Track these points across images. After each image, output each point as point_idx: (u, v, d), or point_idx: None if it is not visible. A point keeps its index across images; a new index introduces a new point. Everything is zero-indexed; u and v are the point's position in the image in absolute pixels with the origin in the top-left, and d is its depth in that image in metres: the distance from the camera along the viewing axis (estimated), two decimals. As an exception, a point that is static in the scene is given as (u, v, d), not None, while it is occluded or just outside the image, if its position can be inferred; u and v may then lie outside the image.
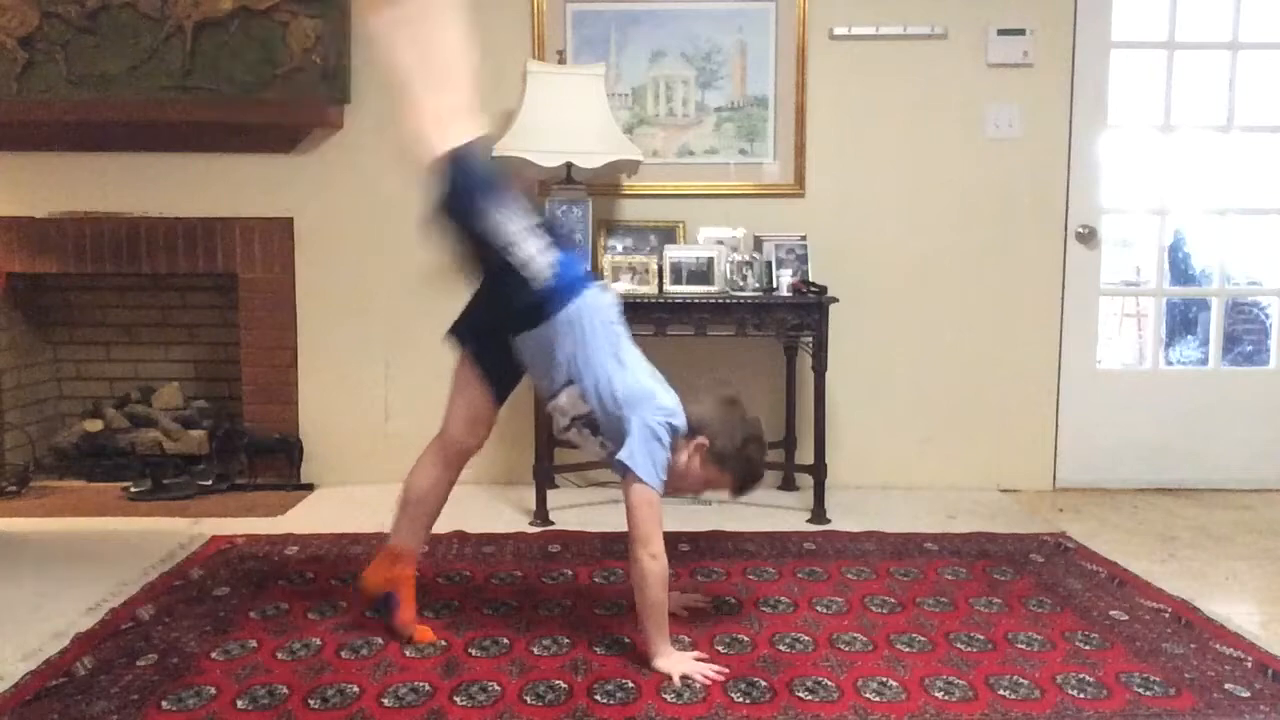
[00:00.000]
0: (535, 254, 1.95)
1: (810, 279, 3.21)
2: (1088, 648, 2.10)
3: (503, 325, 2.06)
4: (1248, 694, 1.88)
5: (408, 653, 2.06)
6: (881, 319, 3.56)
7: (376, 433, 3.61)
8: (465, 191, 1.94)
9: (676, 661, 1.96)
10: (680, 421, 2.03)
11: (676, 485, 2.06)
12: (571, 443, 2.15)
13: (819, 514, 3.13)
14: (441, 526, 2.96)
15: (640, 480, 1.95)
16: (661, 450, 1.99)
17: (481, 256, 2.03)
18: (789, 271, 3.21)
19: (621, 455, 1.95)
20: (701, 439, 2.05)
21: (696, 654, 2.03)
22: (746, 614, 2.29)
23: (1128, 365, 5.15)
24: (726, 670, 1.96)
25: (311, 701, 1.84)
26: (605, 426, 2.02)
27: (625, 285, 3.14)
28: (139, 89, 3.33)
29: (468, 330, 2.16)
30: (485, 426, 2.20)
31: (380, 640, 2.12)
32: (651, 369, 2.10)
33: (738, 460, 2.07)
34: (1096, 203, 3.56)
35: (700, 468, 2.06)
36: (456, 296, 2.34)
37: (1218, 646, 2.11)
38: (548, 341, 2.00)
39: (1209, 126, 3.61)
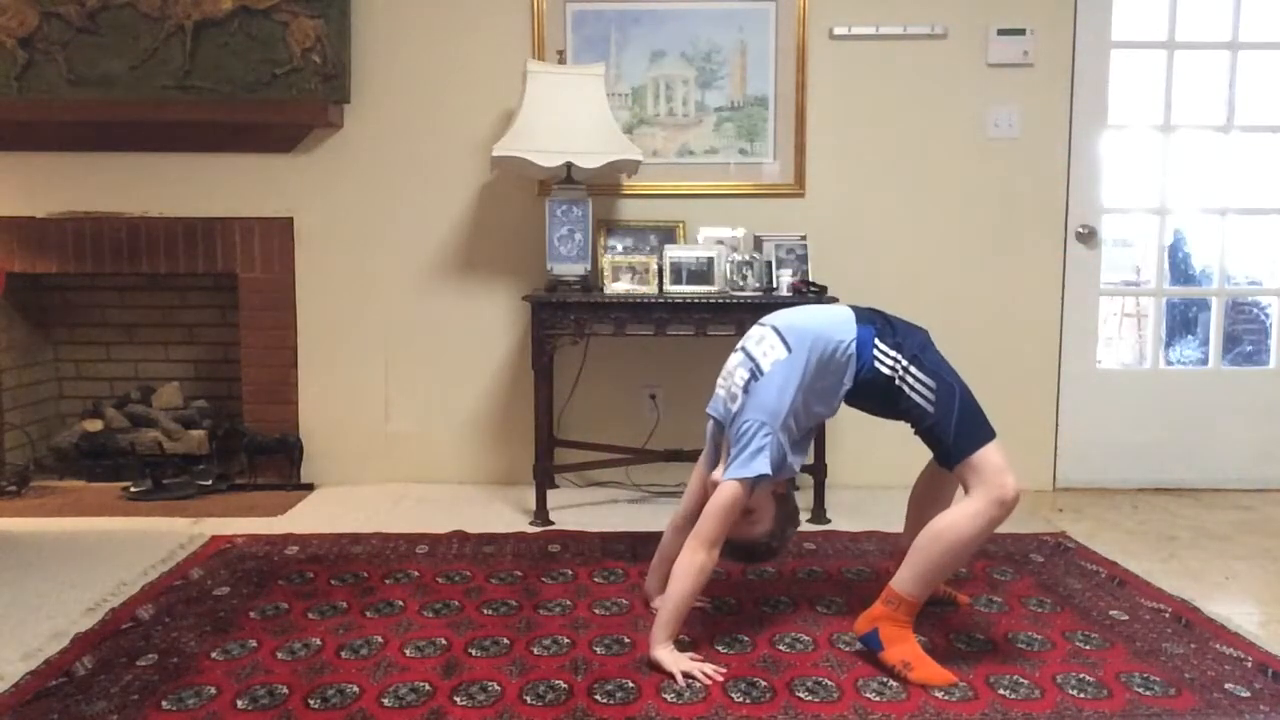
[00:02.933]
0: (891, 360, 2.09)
1: (810, 279, 3.21)
2: (1088, 648, 2.10)
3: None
4: (1248, 694, 1.88)
5: (408, 652, 2.06)
6: (881, 319, 3.55)
7: (376, 433, 3.61)
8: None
9: (677, 660, 1.97)
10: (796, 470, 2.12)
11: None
12: (729, 361, 2.18)
13: (819, 514, 3.13)
14: (441, 526, 2.98)
15: (744, 485, 1.98)
16: (764, 460, 1.99)
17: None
18: (789, 271, 3.20)
19: (744, 460, 1.99)
20: (783, 485, 2.14)
21: (692, 655, 2.03)
22: (746, 614, 2.29)
23: (1128, 365, 5.16)
24: (725, 670, 1.96)
25: (311, 701, 1.84)
26: (749, 392, 2.05)
27: (625, 285, 3.14)
28: (139, 89, 3.33)
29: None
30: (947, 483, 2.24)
31: (380, 640, 2.12)
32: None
33: (784, 527, 2.13)
34: (1096, 203, 3.56)
35: (762, 504, 2.08)
36: (455, 296, 2.36)
37: (1218, 646, 2.11)
38: (829, 321, 2.11)
39: (1209, 126, 3.61)
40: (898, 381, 2.04)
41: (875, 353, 2.06)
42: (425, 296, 3.55)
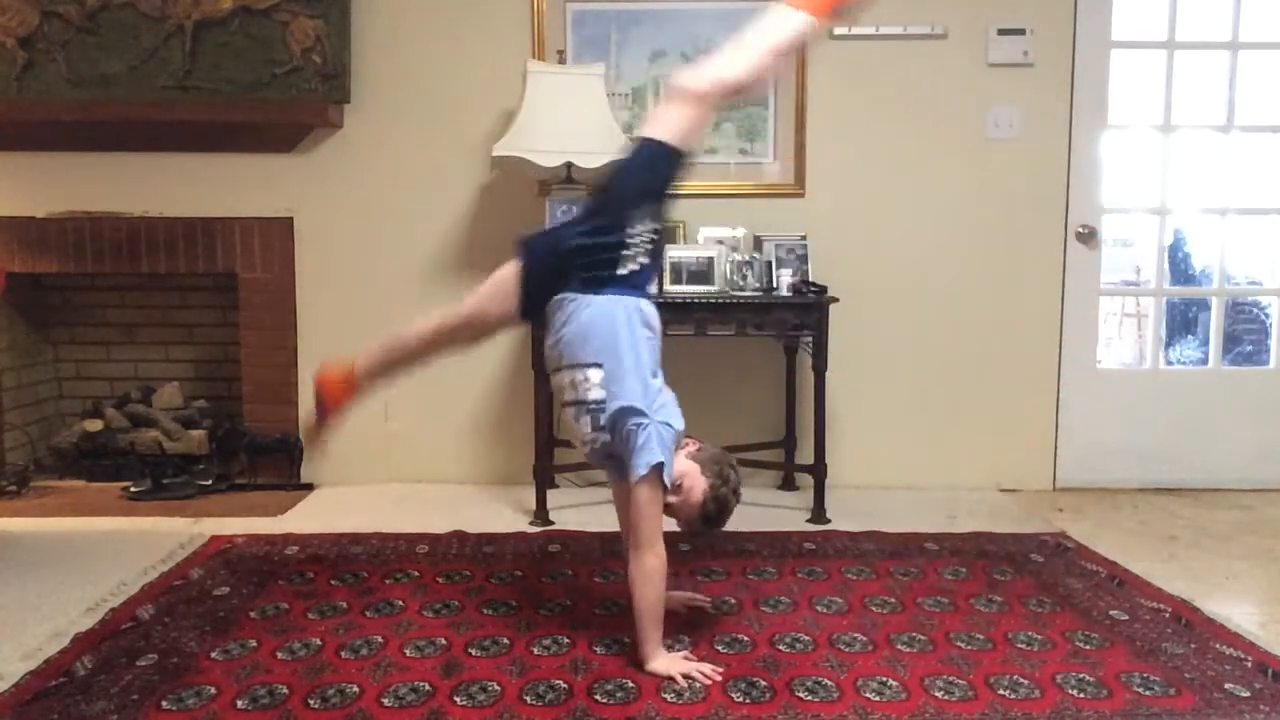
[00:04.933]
0: (637, 246, 2.06)
1: (810, 279, 3.21)
2: (1088, 648, 2.10)
3: (564, 273, 2.07)
4: (1248, 694, 1.88)
5: (408, 652, 2.06)
6: (881, 319, 3.56)
7: (376, 433, 3.60)
8: (637, 176, 2.11)
9: (673, 662, 1.97)
10: (680, 429, 2.06)
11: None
12: (566, 419, 2.14)
13: (819, 514, 3.13)
14: (441, 526, 2.98)
15: (649, 479, 1.95)
16: (667, 454, 1.99)
17: (601, 214, 2.11)
18: (789, 271, 3.20)
19: (636, 458, 1.96)
20: (692, 443, 2.08)
21: (686, 654, 2.03)
22: (746, 614, 2.29)
23: (1128, 365, 5.16)
24: (723, 669, 1.96)
25: (311, 701, 1.84)
26: (609, 422, 2.00)
27: (625, 285, 3.13)
28: (139, 89, 3.33)
29: (539, 248, 2.16)
30: (489, 334, 2.30)
31: (380, 640, 2.12)
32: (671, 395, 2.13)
33: (719, 470, 2.06)
34: (1096, 203, 3.56)
35: (683, 469, 2.04)
36: (456, 296, 2.36)
37: (1218, 646, 2.11)
38: (590, 315, 2.02)
39: (1209, 126, 3.61)
40: (625, 242, 2.04)
41: (621, 270, 2.04)
42: (425, 296, 3.54)
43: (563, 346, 2.05)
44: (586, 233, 2.08)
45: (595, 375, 2.01)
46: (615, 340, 2.01)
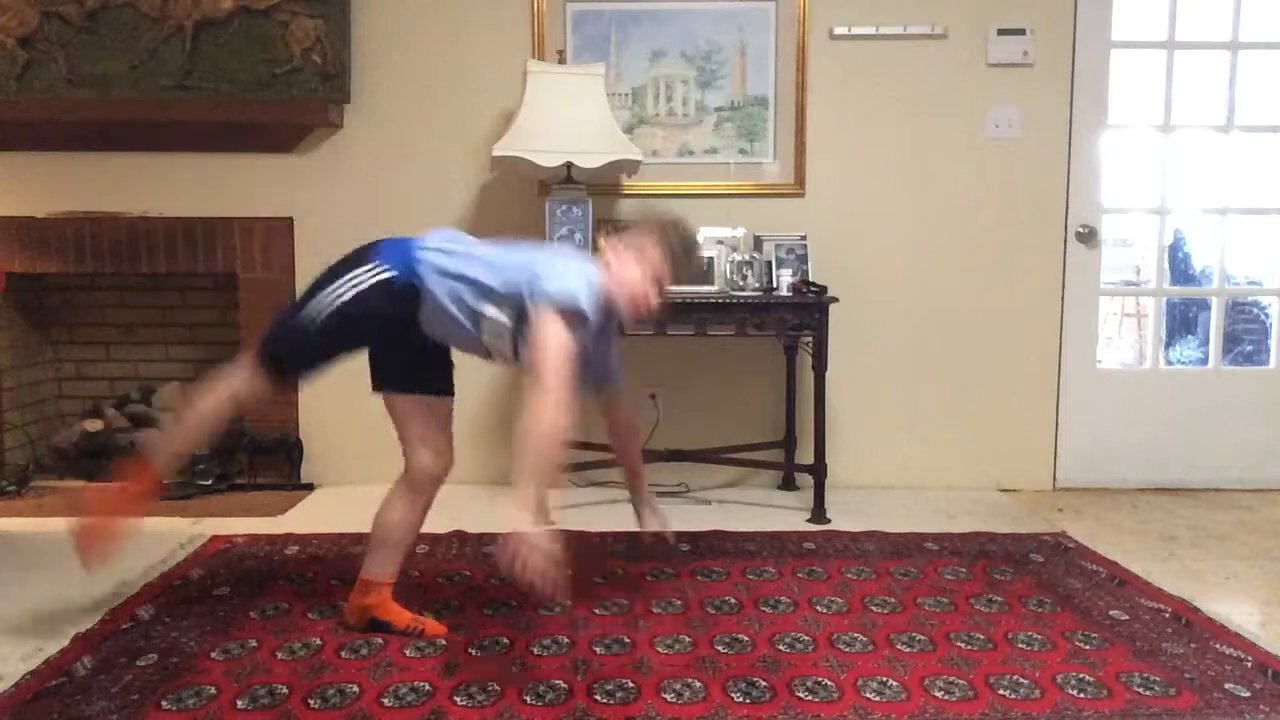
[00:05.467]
0: (361, 275, 2.09)
1: (810, 279, 3.21)
2: (1088, 648, 2.10)
3: (406, 336, 2.13)
4: (1248, 694, 1.88)
5: (408, 652, 2.06)
6: (881, 319, 3.56)
7: (376, 433, 3.57)
8: (289, 336, 2.22)
9: (539, 539, 1.71)
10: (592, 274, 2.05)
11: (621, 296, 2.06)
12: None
13: (819, 514, 3.13)
14: (441, 526, 2.98)
15: (552, 307, 1.91)
16: (582, 282, 1.96)
17: (341, 333, 2.15)
18: (789, 271, 3.21)
19: (533, 288, 1.94)
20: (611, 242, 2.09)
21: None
22: (746, 614, 2.29)
23: (1128, 365, 5.15)
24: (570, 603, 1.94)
25: (311, 701, 1.84)
26: (532, 310, 1.98)
27: (625, 285, 3.13)
28: (139, 89, 3.34)
29: (385, 373, 2.25)
30: (447, 445, 2.30)
31: (380, 640, 2.12)
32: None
33: (653, 219, 2.10)
34: (1096, 203, 3.56)
35: (625, 252, 2.06)
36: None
37: (1218, 646, 2.11)
38: (438, 303, 2.04)
39: (1209, 126, 3.61)
40: (354, 284, 2.12)
41: (382, 274, 2.09)
42: (425, 296, 3.55)
43: (480, 336, 2.09)
44: (370, 328, 2.16)
45: (491, 310, 2.02)
46: (465, 282, 2.02)
